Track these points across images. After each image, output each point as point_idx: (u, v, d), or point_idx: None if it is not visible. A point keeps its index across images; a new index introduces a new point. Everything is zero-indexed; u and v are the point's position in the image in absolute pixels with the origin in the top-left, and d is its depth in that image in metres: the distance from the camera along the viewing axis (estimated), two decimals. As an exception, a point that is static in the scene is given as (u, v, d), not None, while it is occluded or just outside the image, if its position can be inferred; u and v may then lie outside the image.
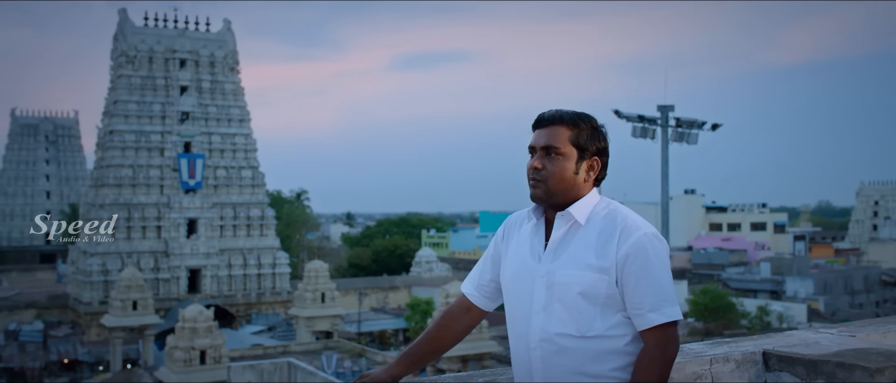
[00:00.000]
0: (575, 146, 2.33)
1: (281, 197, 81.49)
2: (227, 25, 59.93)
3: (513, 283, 2.43)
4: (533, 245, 2.40)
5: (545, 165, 2.33)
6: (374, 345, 47.87)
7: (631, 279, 2.25)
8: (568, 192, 2.34)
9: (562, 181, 2.33)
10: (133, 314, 40.94)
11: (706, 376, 2.94)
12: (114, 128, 54.68)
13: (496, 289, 2.58)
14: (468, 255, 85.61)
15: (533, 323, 2.33)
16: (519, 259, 2.42)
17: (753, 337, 3.48)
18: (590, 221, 2.33)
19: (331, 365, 34.53)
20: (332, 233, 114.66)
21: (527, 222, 2.46)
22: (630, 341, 2.30)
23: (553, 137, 2.33)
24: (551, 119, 2.36)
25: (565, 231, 2.34)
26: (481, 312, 2.65)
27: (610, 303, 2.28)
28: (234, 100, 58.33)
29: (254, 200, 58.13)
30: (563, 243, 2.34)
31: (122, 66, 56.05)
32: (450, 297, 32.80)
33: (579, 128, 2.35)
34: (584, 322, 2.28)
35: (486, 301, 2.62)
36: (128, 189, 54.49)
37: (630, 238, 2.27)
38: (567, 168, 2.33)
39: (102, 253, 52.66)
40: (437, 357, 2.73)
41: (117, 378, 38.39)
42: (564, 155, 2.32)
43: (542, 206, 2.41)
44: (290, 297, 53.41)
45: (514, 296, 2.43)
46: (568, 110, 2.38)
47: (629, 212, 2.34)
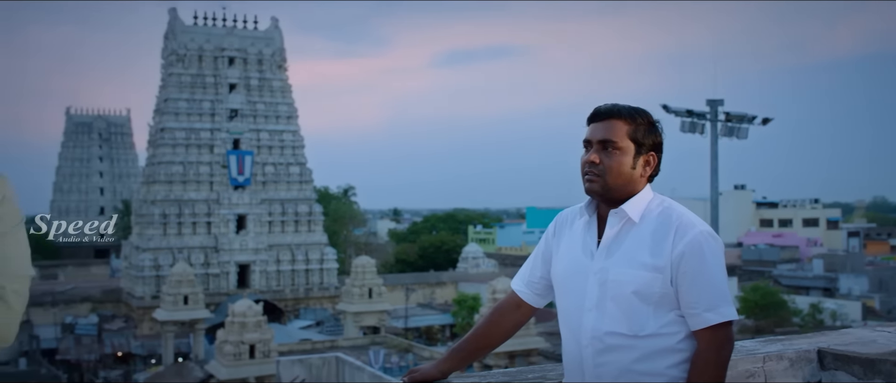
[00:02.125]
0: (632, 141, 2.29)
1: (328, 193, 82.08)
2: (275, 23, 60.51)
3: (565, 280, 2.40)
4: (585, 242, 2.37)
5: (602, 160, 2.29)
6: (421, 341, 47.99)
7: (686, 278, 2.22)
8: (624, 188, 2.30)
9: (619, 176, 2.29)
10: (184, 308, 41.60)
11: (759, 375, 2.89)
12: (165, 125, 55.56)
13: (546, 286, 2.55)
14: (515, 251, 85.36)
15: (585, 320, 2.30)
16: (571, 256, 2.39)
17: (807, 335, 3.41)
18: (644, 219, 2.29)
19: (378, 360, 34.73)
20: (379, 229, 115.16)
21: (579, 218, 2.42)
22: (683, 339, 2.26)
23: (610, 131, 2.29)
24: (608, 113, 2.32)
25: (619, 228, 2.30)
26: (531, 309, 2.63)
27: (664, 302, 2.24)
28: (282, 97, 58.90)
29: (301, 196, 58.64)
30: (617, 241, 2.30)
31: (172, 65, 56.93)
32: (496, 293, 32.77)
33: (636, 122, 2.31)
34: (638, 321, 2.24)
35: (537, 297, 2.60)
36: (178, 185, 55.33)
37: (686, 236, 2.23)
38: (624, 163, 2.29)
39: (154, 248, 53.58)
40: (486, 353, 2.72)
41: (169, 371, 39.04)
42: (622, 149, 2.28)
43: (595, 203, 2.38)
44: (337, 293, 53.80)
45: (565, 294, 2.40)
46: (624, 104, 2.34)
47: (684, 210, 2.30)
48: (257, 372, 31.40)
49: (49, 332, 48.77)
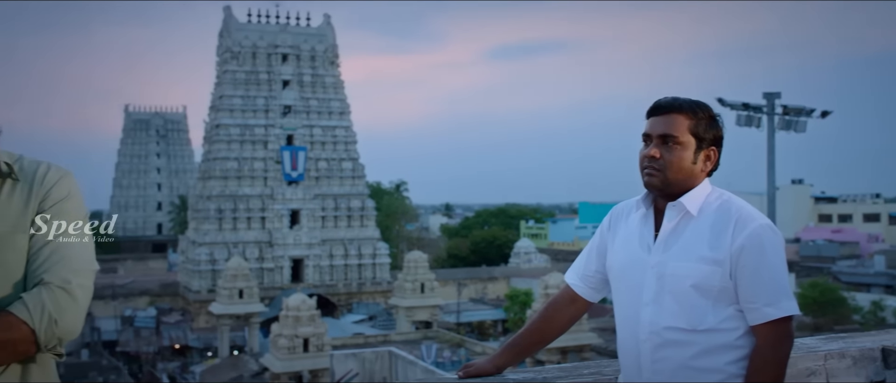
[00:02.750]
0: (693, 135, 2.26)
1: (381, 188, 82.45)
2: (327, 20, 60.96)
3: (621, 274, 2.38)
4: (642, 235, 2.34)
5: (663, 154, 2.25)
6: (473, 336, 47.97)
7: (746, 272, 2.18)
8: (685, 182, 2.26)
9: (679, 171, 2.25)
10: (239, 302, 42.14)
11: (820, 373, 2.83)
12: (220, 122, 56.34)
13: (601, 280, 2.53)
14: (567, 246, 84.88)
15: (642, 315, 2.27)
16: (627, 249, 2.36)
17: (870, 333, 3.33)
18: (702, 212, 2.26)
19: (430, 354, 34.80)
20: (431, 224, 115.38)
21: (635, 212, 2.39)
22: (742, 335, 2.22)
23: (671, 126, 2.26)
24: (669, 107, 2.28)
25: (677, 221, 2.27)
26: (586, 303, 2.61)
27: (722, 297, 2.21)
28: (335, 93, 59.31)
29: (354, 191, 59.02)
30: (675, 234, 2.27)
31: (227, 62, 57.69)
32: (549, 288, 32.61)
33: (698, 116, 2.27)
34: (696, 315, 2.21)
35: (591, 292, 2.58)
36: (233, 181, 56.07)
37: (745, 229, 2.19)
38: (685, 157, 2.26)
39: (210, 243, 54.39)
40: (541, 347, 2.71)
41: (225, 363, 39.60)
42: (683, 144, 2.25)
43: (652, 196, 2.34)
44: (390, 287, 54.05)
45: (622, 288, 2.38)
46: (685, 98, 2.30)
47: (743, 203, 2.26)
48: (311, 366, 31.67)
49: (110, 325, 49.83)
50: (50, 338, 1.69)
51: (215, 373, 37.69)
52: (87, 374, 40.55)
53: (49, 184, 1.80)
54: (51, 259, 1.73)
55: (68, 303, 1.70)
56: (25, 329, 1.65)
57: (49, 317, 1.67)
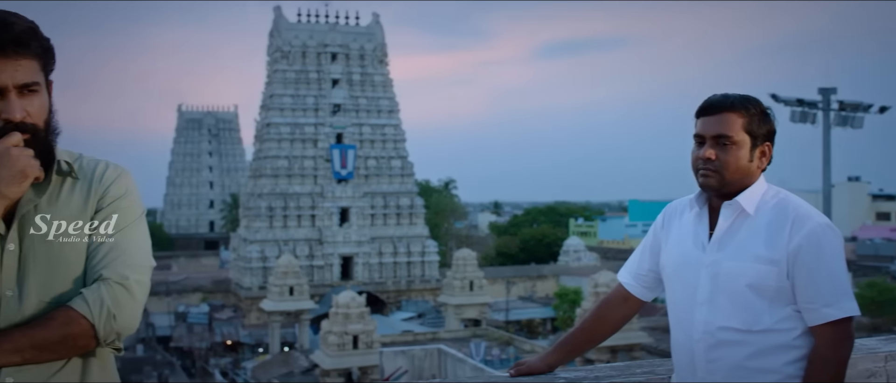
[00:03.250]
0: (748, 133, 2.21)
1: (429, 186, 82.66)
2: (376, 19, 61.28)
3: (675, 273, 2.34)
4: (696, 234, 2.30)
5: (718, 155, 2.21)
6: (522, 334, 47.88)
7: (804, 271, 2.13)
8: (741, 181, 2.22)
9: (736, 171, 2.21)
10: (289, 299, 42.56)
11: (880, 374, 2.78)
12: (270, 120, 56.97)
13: (655, 279, 2.50)
14: (617, 244, 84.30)
15: (696, 314, 2.24)
16: (681, 248, 2.33)
17: (932, 334, 3.25)
18: (758, 211, 2.21)
19: (479, 352, 34.80)
20: (480, 222, 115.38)
21: (689, 210, 2.35)
22: (799, 335, 2.17)
23: (725, 125, 2.21)
24: (720, 106, 2.23)
25: (732, 220, 2.23)
26: (639, 302, 2.58)
27: (779, 297, 2.16)
28: (384, 92, 59.61)
29: (403, 189, 59.27)
30: (730, 233, 2.23)
31: (277, 62, 58.31)
32: (598, 287, 32.41)
33: (750, 113, 2.22)
34: (752, 315, 2.17)
35: (644, 291, 2.54)
36: (284, 179, 56.67)
37: (803, 228, 2.14)
38: (741, 157, 2.21)
39: (261, 240, 55.04)
40: (592, 346, 2.69)
41: (275, 360, 40.03)
42: (738, 143, 2.20)
43: (706, 194, 2.30)
44: (438, 285, 54.18)
45: (676, 287, 2.34)
46: (734, 94, 2.25)
47: (801, 201, 2.22)
48: (360, 363, 31.87)
49: (164, 320, 50.72)
50: (109, 333, 1.72)
51: (266, 369, 38.12)
52: (143, 369, 41.32)
53: (107, 183, 1.83)
54: (109, 255, 1.76)
55: (126, 299, 1.74)
56: (85, 323, 1.69)
57: (108, 312, 1.70)
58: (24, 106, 1.70)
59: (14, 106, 1.69)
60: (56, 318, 1.68)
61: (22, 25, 1.69)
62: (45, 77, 1.77)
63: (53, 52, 1.78)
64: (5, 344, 1.66)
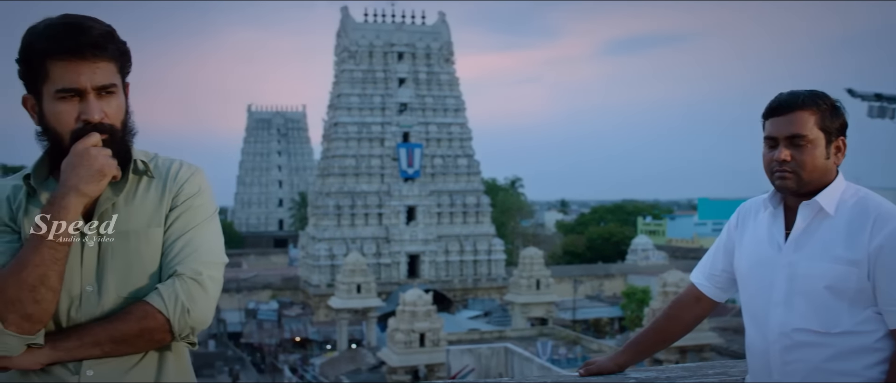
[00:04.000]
0: (822, 130, 2.15)
1: (496, 184, 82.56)
2: (442, 18, 61.41)
3: (750, 274, 2.29)
4: (772, 234, 2.25)
5: (794, 156, 2.14)
6: (589, 333, 47.52)
7: (885, 272, 2.06)
8: (819, 180, 2.16)
9: (814, 170, 2.14)
10: (357, 297, 42.92)
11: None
12: (338, 120, 57.54)
13: (728, 279, 2.45)
14: (686, 243, 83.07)
15: (772, 316, 2.19)
16: (757, 248, 2.28)
17: None
18: (838, 210, 2.15)
19: (546, 351, 34.65)
20: (547, 221, 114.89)
21: (763, 210, 2.30)
22: (881, 338, 2.10)
23: (798, 124, 2.14)
24: (791, 104, 2.16)
25: (810, 220, 2.17)
26: (712, 302, 2.53)
27: (859, 298, 2.10)
28: (450, 91, 59.71)
29: (469, 188, 59.30)
30: (807, 233, 2.17)
31: (344, 62, 58.86)
32: (667, 286, 31.98)
33: (821, 108, 2.16)
34: (830, 317, 2.11)
35: (718, 291, 2.50)
36: (351, 178, 57.18)
37: (885, 227, 2.08)
38: (818, 155, 2.14)
39: (329, 238, 55.65)
40: (663, 346, 2.65)
41: (343, 357, 40.40)
42: (813, 142, 2.13)
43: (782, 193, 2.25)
44: (505, 283, 54.08)
45: (751, 288, 2.29)
46: (803, 91, 2.19)
47: (882, 200, 2.15)
48: (427, 361, 31.97)
49: (234, 317, 51.65)
50: (183, 327, 1.76)
51: (334, 366, 38.49)
52: (214, 364, 42.14)
53: (181, 181, 1.88)
54: (183, 251, 1.81)
55: (199, 294, 1.78)
56: (161, 318, 1.74)
57: (182, 307, 1.75)
58: (102, 107, 1.76)
59: (93, 107, 1.74)
60: (133, 313, 1.74)
61: (100, 29, 1.74)
62: (122, 79, 1.82)
63: (129, 56, 1.83)
64: (86, 337, 1.73)
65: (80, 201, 1.72)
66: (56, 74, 1.72)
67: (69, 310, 1.76)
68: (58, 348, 1.71)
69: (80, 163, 1.72)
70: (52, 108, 1.75)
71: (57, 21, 1.73)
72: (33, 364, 1.71)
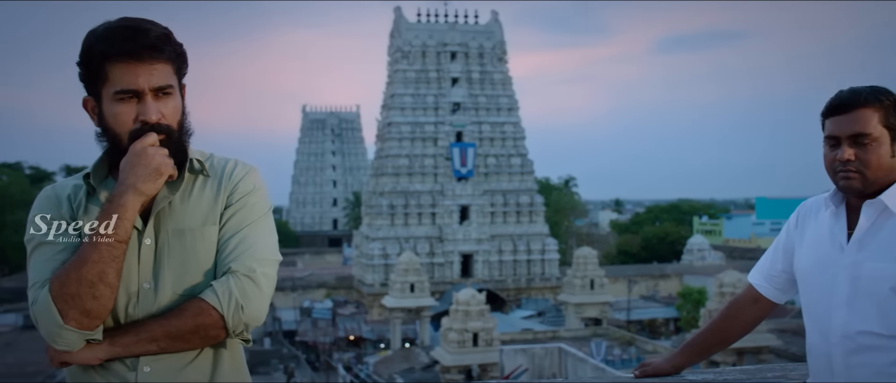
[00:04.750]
0: (886, 127, 2.09)
1: (549, 184, 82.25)
2: (495, 17, 61.34)
3: (810, 275, 2.24)
4: (834, 234, 2.19)
5: (858, 155, 2.08)
6: (644, 334, 47.06)
7: None
8: (885, 178, 2.10)
9: (879, 169, 2.08)
10: (411, 296, 43.06)
11: None
12: (391, 120, 57.82)
13: (787, 280, 2.39)
14: (743, 243, 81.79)
15: (834, 318, 2.13)
16: (817, 248, 2.22)
17: None
18: None
19: (600, 351, 34.39)
20: (601, 220, 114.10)
21: (824, 209, 2.24)
22: None
23: (861, 122, 2.08)
24: (852, 102, 2.10)
25: (874, 219, 2.11)
26: (770, 304, 2.48)
27: None
28: (503, 90, 59.61)
29: (523, 187, 59.14)
30: (871, 233, 2.11)
31: (397, 62, 59.12)
32: (723, 286, 31.53)
33: (884, 105, 2.09)
34: None
35: (777, 292, 2.44)
36: (404, 177, 57.41)
37: None
38: (883, 153, 2.08)
39: (382, 238, 55.95)
40: (721, 349, 2.60)
41: (397, 355, 40.58)
42: (878, 140, 2.07)
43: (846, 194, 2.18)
44: (558, 283, 53.82)
45: (812, 289, 2.23)
46: (863, 88, 2.12)
47: None
48: (480, 360, 31.95)
49: (289, 315, 52.20)
50: (237, 324, 1.79)
51: (388, 365, 38.68)
52: (270, 362, 42.63)
53: (236, 180, 1.91)
54: (238, 249, 1.83)
55: (253, 291, 1.80)
56: (216, 314, 1.77)
57: (236, 304, 1.78)
58: (159, 108, 1.79)
59: (150, 108, 1.78)
60: (188, 309, 1.77)
61: (156, 32, 1.78)
62: (179, 80, 1.86)
63: (186, 57, 1.87)
64: (142, 333, 1.76)
65: (137, 199, 1.76)
66: (114, 76, 1.76)
67: (127, 307, 1.80)
68: (116, 344, 1.75)
69: (138, 162, 1.76)
70: (111, 110, 1.79)
71: (115, 24, 1.77)
72: (92, 359, 1.75)
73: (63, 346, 1.72)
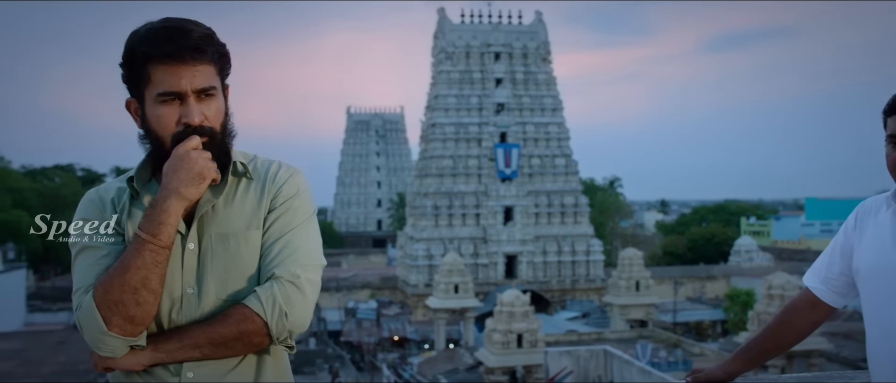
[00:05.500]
0: None
1: (594, 184, 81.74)
2: (539, 17, 61.10)
3: (871, 277, 2.15)
4: (895, 234, 2.10)
5: None
6: (690, 336, 46.51)
7: None
8: None
9: None
10: (455, 297, 43.06)
11: None
12: (435, 121, 57.88)
13: (846, 283, 2.30)
14: (792, 245, 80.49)
15: None
16: (878, 250, 2.13)
17: None
18: None
19: (645, 354, 34.03)
20: (646, 221, 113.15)
21: (885, 209, 2.16)
22: None
23: None
24: None
25: None
26: (828, 308, 2.38)
27: None
28: (547, 90, 59.36)
29: (567, 188, 58.82)
30: None
31: (441, 63, 59.17)
32: (772, 288, 31.06)
33: None
34: None
35: (835, 296, 2.34)
36: (448, 178, 57.43)
37: None
38: None
39: (426, 238, 56.01)
40: (776, 354, 2.51)
41: (441, 356, 40.60)
42: None
43: None
44: (603, 285, 53.46)
45: (873, 292, 2.14)
46: None
47: None
48: (525, 361, 31.84)
49: (334, 315, 52.46)
50: (281, 331, 1.76)
51: (432, 365, 38.71)
52: (315, 362, 42.89)
53: (280, 182, 1.88)
54: (281, 254, 1.80)
55: (297, 297, 1.77)
56: (259, 321, 1.74)
57: (280, 310, 1.75)
58: (201, 110, 1.77)
59: (193, 110, 1.75)
60: (231, 316, 1.74)
61: (199, 33, 1.75)
62: (222, 81, 1.83)
63: (229, 57, 1.84)
64: (186, 339, 1.74)
65: (180, 204, 1.73)
66: (157, 78, 1.73)
67: (170, 312, 1.78)
68: (159, 350, 1.73)
69: (181, 166, 1.73)
70: (154, 112, 1.76)
71: (157, 25, 1.74)
72: (136, 365, 1.74)
73: (107, 352, 1.71)
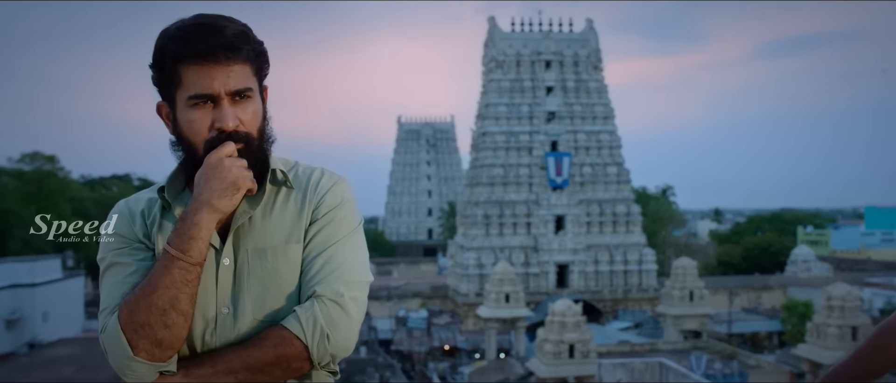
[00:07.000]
0: None
1: (646, 193, 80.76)
2: (590, 25, 60.63)
3: None
4: None
5: None
6: (746, 347, 45.61)
7: None
8: None
9: None
10: (505, 306, 42.80)
11: None
12: (486, 129, 57.72)
13: None
14: (852, 255, 78.64)
15: None
16: None
17: None
18: None
19: (700, 365, 33.41)
20: (700, 230, 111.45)
21: None
22: None
23: None
24: None
25: None
26: None
27: None
28: (598, 98, 58.85)
29: (619, 196, 58.19)
30: None
31: (492, 71, 59.03)
32: (832, 300, 30.23)
33: None
34: None
35: None
36: (499, 187, 57.20)
37: None
38: None
39: (477, 247, 55.82)
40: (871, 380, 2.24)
41: (491, 366, 40.35)
42: None
43: None
44: (656, 294, 52.72)
45: None
46: None
47: None
48: (577, 372, 31.45)
49: (385, 324, 52.53)
50: (323, 355, 1.60)
51: (483, 375, 38.50)
52: (365, 370, 42.93)
53: (322, 191, 1.72)
54: (324, 270, 1.64)
55: (341, 318, 1.61)
56: (299, 344, 1.58)
57: (321, 332, 1.59)
58: (237, 114, 1.62)
59: (227, 114, 1.60)
60: (269, 338, 1.58)
61: (233, 29, 1.60)
62: (259, 82, 1.67)
63: (267, 56, 1.68)
64: (219, 364, 1.58)
65: (213, 217, 1.58)
66: (188, 80, 1.59)
67: (204, 334, 1.63)
68: (190, 376, 1.58)
69: (213, 175, 1.58)
70: (186, 116, 1.62)
71: (189, 22, 1.60)
72: None
73: (133, 379, 1.56)
